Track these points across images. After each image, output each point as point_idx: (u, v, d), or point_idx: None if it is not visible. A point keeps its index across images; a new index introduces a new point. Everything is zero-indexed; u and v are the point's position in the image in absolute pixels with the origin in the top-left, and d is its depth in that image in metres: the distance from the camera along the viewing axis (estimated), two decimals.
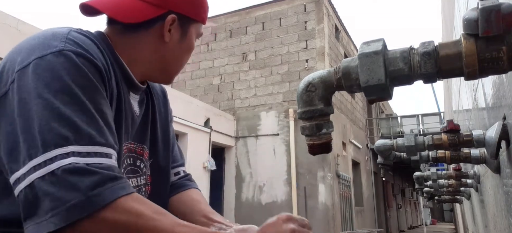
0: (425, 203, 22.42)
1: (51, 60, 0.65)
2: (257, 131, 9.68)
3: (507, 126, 0.85)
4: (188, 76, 11.14)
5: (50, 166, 0.58)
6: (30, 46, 0.67)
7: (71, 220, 0.57)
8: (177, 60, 0.87)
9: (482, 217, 2.37)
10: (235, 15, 11.11)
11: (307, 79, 0.69)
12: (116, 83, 0.78)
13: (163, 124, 0.99)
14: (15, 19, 4.83)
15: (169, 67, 0.87)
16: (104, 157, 0.63)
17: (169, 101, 1.06)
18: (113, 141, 0.68)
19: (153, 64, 0.85)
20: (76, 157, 0.59)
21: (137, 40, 0.83)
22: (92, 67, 0.68)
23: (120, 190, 0.61)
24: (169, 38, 0.83)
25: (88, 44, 0.71)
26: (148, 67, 0.85)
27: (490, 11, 0.50)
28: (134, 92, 0.86)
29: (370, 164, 13.57)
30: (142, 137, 0.90)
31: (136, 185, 0.87)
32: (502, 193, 1.14)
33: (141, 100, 0.90)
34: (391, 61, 0.60)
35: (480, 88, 1.35)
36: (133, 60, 0.83)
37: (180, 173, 1.03)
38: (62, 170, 0.58)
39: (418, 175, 2.73)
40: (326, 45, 9.74)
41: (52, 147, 0.59)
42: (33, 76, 0.63)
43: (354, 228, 10.16)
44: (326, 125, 0.68)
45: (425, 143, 1.28)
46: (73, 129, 0.61)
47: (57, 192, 0.57)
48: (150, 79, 0.90)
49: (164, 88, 1.06)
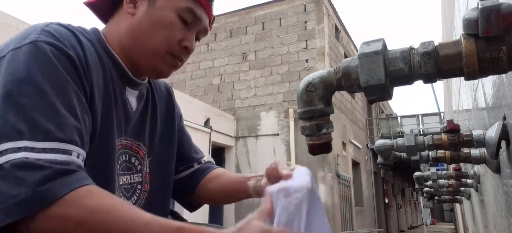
0: (425, 203, 22.41)
1: (24, 50, 0.63)
2: (257, 131, 9.67)
3: (507, 126, 0.85)
4: (188, 76, 11.13)
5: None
6: (12, 39, 0.67)
7: (17, 216, 0.54)
8: (146, 34, 0.78)
9: (482, 217, 2.37)
10: (235, 15, 11.11)
11: (307, 79, 0.69)
12: (104, 77, 0.75)
13: (167, 121, 0.96)
14: (15, 19, 4.83)
15: (141, 45, 0.79)
16: (61, 153, 0.59)
17: (174, 98, 1.03)
18: (79, 136, 0.64)
19: (129, 45, 0.80)
20: (29, 152, 0.57)
21: (116, 23, 0.81)
22: (63, 58, 0.66)
23: (73, 183, 0.57)
24: (133, 10, 0.79)
25: (64, 35, 0.69)
26: (129, 51, 0.80)
27: (490, 11, 0.50)
28: (131, 87, 0.83)
29: (370, 164, 13.56)
30: (139, 133, 0.87)
31: (129, 183, 0.84)
32: (502, 193, 1.14)
33: (140, 96, 0.87)
34: (391, 61, 0.60)
35: (480, 88, 1.35)
36: (120, 48, 0.80)
37: (201, 162, 1.03)
38: (11, 164, 0.55)
39: (418, 175, 2.73)
40: (326, 45, 9.74)
41: (5, 140, 0.57)
42: (6, 67, 0.62)
43: (354, 228, 10.15)
44: (326, 125, 0.68)
45: (425, 143, 1.29)
46: (30, 123, 0.58)
47: (3, 186, 0.55)
48: (139, 69, 0.83)
49: (169, 85, 1.03)
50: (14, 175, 0.55)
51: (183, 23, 0.80)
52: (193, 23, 0.82)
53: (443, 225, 26.87)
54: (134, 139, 0.85)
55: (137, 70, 0.84)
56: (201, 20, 0.82)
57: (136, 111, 0.85)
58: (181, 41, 0.81)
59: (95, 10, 0.86)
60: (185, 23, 0.81)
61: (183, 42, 0.81)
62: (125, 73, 0.81)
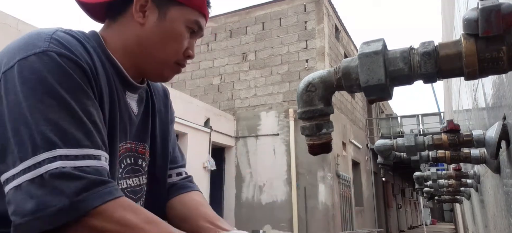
0: (425, 203, 22.42)
1: (35, 61, 0.64)
2: (257, 131, 9.67)
3: (507, 126, 0.85)
4: (188, 76, 11.13)
5: (39, 170, 0.59)
6: (15, 47, 0.67)
7: (55, 225, 0.57)
8: (157, 46, 0.80)
9: (482, 217, 2.37)
10: (235, 15, 11.11)
11: (307, 79, 0.69)
12: (108, 83, 0.76)
13: (163, 123, 0.97)
14: (15, 19, 4.83)
15: (151, 55, 0.81)
16: (92, 159, 0.63)
17: (171, 102, 1.04)
18: (101, 141, 0.67)
19: (137, 53, 0.81)
20: (63, 160, 0.60)
21: (120, 28, 0.81)
22: (76, 68, 0.67)
23: (106, 195, 0.61)
24: (142, 19, 0.79)
25: (73, 44, 0.70)
26: (136, 58, 0.81)
27: (490, 11, 0.50)
28: (131, 91, 0.84)
29: (370, 164, 13.56)
30: (143, 135, 0.89)
31: (138, 184, 0.87)
32: (502, 193, 1.14)
33: (140, 99, 0.88)
34: (391, 61, 0.59)
35: (480, 88, 1.35)
36: (123, 53, 0.80)
37: (182, 174, 1.00)
38: (50, 174, 0.58)
39: (418, 175, 2.73)
40: (326, 45, 9.74)
41: (41, 151, 0.60)
42: (18, 78, 0.63)
43: (354, 228, 10.15)
44: (326, 125, 0.68)
45: (425, 143, 1.28)
46: (60, 132, 0.61)
47: (43, 195, 0.58)
48: (144, 75, 0.86)
49: (166, 88, 1.04)
50: (53, 184, 0.58)
51: (190, 33, 0.83)
52: (197, 33, 0.85)
53: (443, 225, 26.87)
54: (139, 142, 0.87)
55: (140, 75, 0.85)
56: (203, 29, 0.86)
57: (138, 115, 0.87)
58: (186, 50, 0.84)
59: (86, 9, 0.86)
60: (191, 33, 0.84)
61: (188, 51, 0.84)
62: (126, 78, 0.81)
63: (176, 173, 0.99)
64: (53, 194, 0.58)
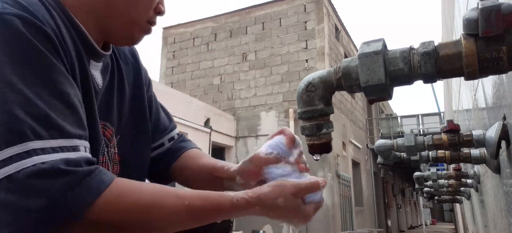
0: (425, 203, 22.42)
1: None
2: (257, 131, 9.67)
3: (507, 126, 0.85)
4: (188, 76, 11.14)
5: (6, 170, 0.47)
6: None
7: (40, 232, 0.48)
8: (127, 2, 0.69)
9: (482, 217, 2.37)
10: (235, 15, 11.11)
11: (307, 79, 0.69)
12: (77, 52, 0.63)
13: (135, 91, 0.84)
14: None
15: (121, 13, 0.69)
16: (71, 151, 0.52)
17: (141, 62, 0.90)
18: (81, 126, 0.56)
19: (102, 12, 0.68)
20: (40, 155, 0.48)
21: None
22: (40, 35, 0.53)
23: (99, 184, 0.52)
24: None
25: (33, 3, 0.56)
26: (101, 18, 0.69)
27: (490, 11, 0.50)
28: (95, 60, 0.71)
29: (370, 164, 13.56)
30: (106, 112, 0.74)
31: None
32: (502, 193, 1.14)
33: (104, 69, 0.74)
34: (391, 61, 0.60)
35: (480, 88, 1.35)
36: (84, 13, 0.67)
37: (174, 138, 0.92)
38: (25, 174, 0.47)
39: (418, 175, 2.73)
40: (326, 45, 9.74)
41: (3, 146, 0.47)
42: None
43: (354, 228, 10.15)
44: (326, 125, 0.68)
45: (425, 143, 1.29)
46: (31, 120, 0.49)
47: (17, 201, 0.46)
48: (110, 38, 0.73)
49: (134, 50, 0.89)
50: (33, 185, 0.47)
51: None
52: None
53: (443, 225, 26.87)
54: (100, 119, 0.71)
55: (103, 39, 0.73)
56: None
57: (101, 88, 0.72)
58: (157, 5, 0.73)
59: None
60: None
61: (159, 7, 0.73)
62: (91, 45, 0.68)
63: (168, 139, 0.91)
64: (31, 196, 0.47)
